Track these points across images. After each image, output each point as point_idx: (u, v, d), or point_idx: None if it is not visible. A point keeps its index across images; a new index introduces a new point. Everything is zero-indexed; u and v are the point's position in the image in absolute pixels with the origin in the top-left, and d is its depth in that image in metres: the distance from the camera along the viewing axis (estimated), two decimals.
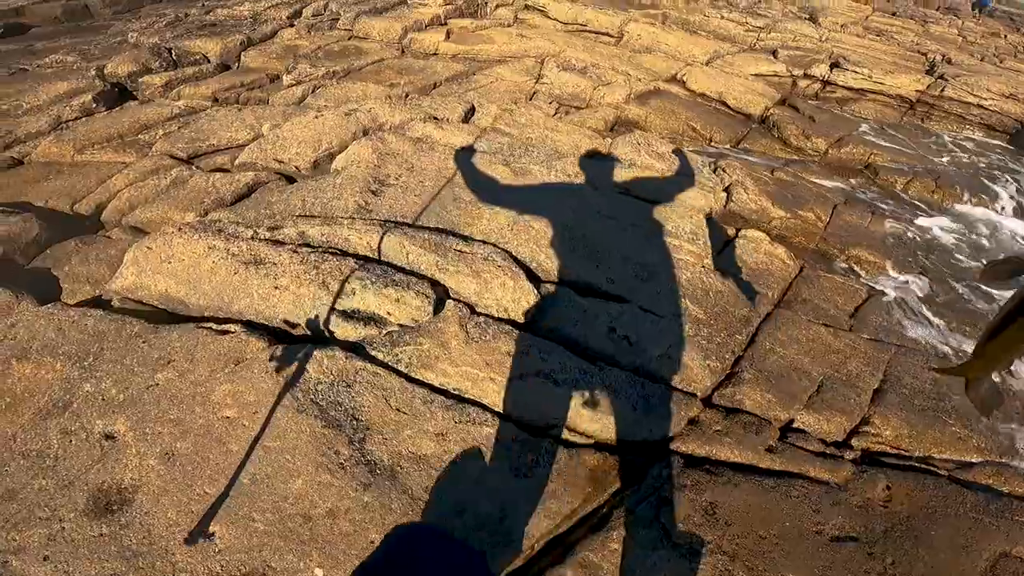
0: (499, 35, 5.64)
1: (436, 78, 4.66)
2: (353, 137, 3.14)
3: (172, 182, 2.92)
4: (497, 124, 3.66)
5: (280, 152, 3.05)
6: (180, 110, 3.73)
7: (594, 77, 4.98)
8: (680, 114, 4.85)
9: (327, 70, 4.57)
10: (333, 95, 3.89)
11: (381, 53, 5.07)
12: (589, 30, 6.21)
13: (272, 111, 3.63)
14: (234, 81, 4.41)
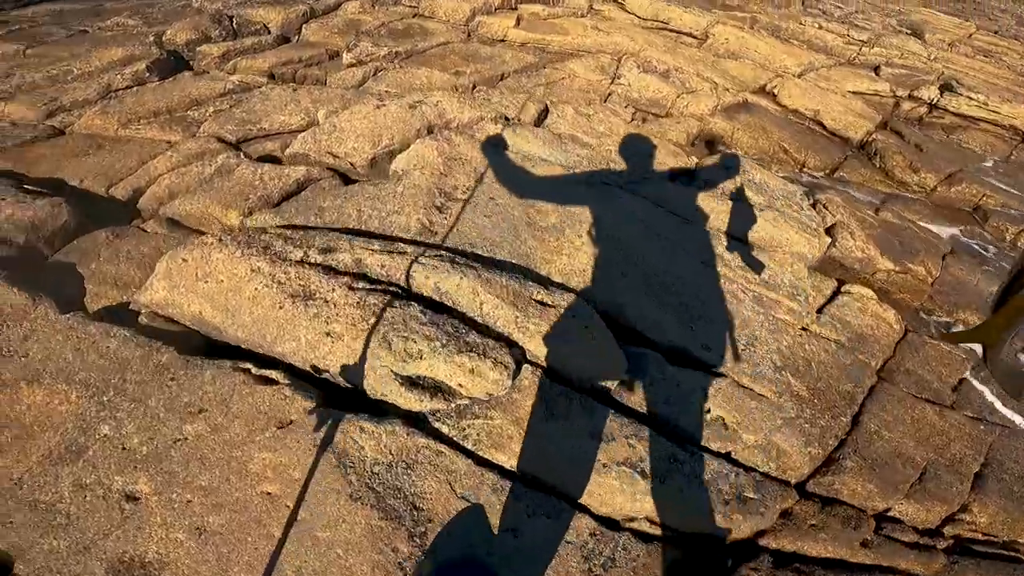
0: (573, 26, 5.17)
1: (504, 68, 4.27)
2: (416, 134, 2.81)
3: (217, 170, 2.65)
4: (574, 131, 3.26)
5: (335, 145, 2.74)
6: (233, 86, 3.47)
7: (677, 83, 4.49)
8: (771, 132, 4.32)
9: (389, 50, 4.23)
10: (395, 80, 3.56)
11: (446, 35, 4.70)
12: (670, 29, 5.67)
13: (329, 94, 3.33)
14: (292, 56, 4.13)
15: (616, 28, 5.27)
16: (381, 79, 3.54)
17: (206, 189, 2.52)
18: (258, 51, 4.24)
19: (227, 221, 2.42)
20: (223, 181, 2.56)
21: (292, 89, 3.39)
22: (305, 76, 4.00)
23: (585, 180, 2.76)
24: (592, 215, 2.53)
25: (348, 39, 4.43)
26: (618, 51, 4.90)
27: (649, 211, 2.76)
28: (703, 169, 3.29)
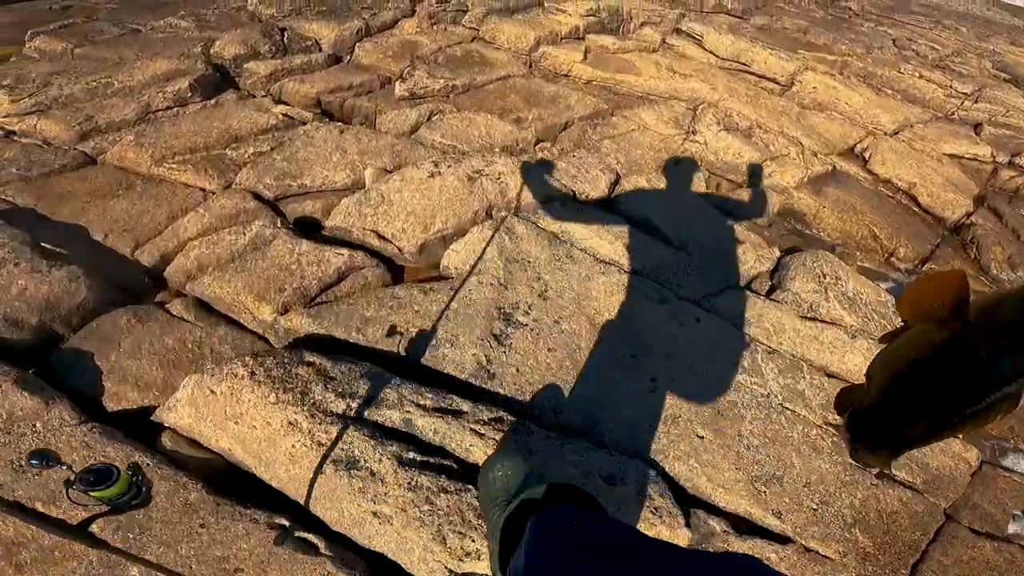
0: (644, 63, 4.71)
1: (568, 115, 3.87)
2: (474, 218, 2.48)
3: (251, 242, 2.37)
4: (647, 213, 2.86)
5: (382, 223, 2.43)
6: (277, 120, 3.18)
7: (760, 145, 4.00)
8: (861, 214, 3.81)
9: (446, 83, 3.89)
10: (451, 129, 3.21)
11: (507, 67, 4.31)
12: (752, 72, 5.13)
13: (378, 143, 3.01)
14: (342, 81, 3.83)
15: (692, 69, 4.78)
16: (436, 126, 3.20)
17: (238, 268, 2.24)
18: (307, 72, 3.95)
19: (259, 315, 2.15)
20: (257, 260, 2.28)
21: (339, 131, 3.08)
22: (354, 108, 3.69)
23: (658, 295, 2.38)
24: (665, 348, 2.16)
25: (402, 65, 4.10)
26: (694, 98, 4.43)
27: (726, 336, 2.37)
28: (787, 275, 2.85)
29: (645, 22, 5.38)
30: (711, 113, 4.11)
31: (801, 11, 8.34)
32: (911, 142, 4.95)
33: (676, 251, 2.76)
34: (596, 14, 5.02)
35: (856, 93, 5.14)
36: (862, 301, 2.81)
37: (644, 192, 3.02)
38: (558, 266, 2.45)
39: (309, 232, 2.71)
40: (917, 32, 9.50)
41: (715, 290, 2.62)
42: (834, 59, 5.83)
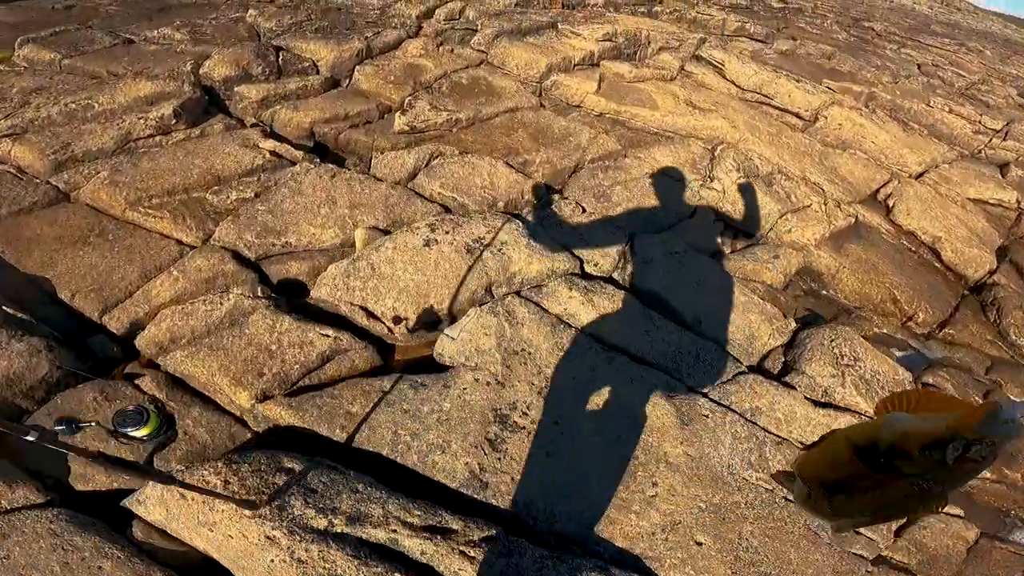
0: (661, 95, 4.44)
1: (578, 156, 3.61)
2: (471, 297, 2.24)
3: (228, 315, 2.15)
4: (660, 287, 2.63)
5: (372, 299, 2.20)
6: (263, 161, 2.94)
7: (781, 194, 3.75)
8: (883, 275, 3.55)
9: (449, 116, 3.63)
10: (452, 177, 2.96)
11: (515, 98, 4.05)
12: (773, 105, 4.85)
13: (371, 194, 2.76)
14: (338, 109, 3.57)
15: (712, 102, 4.51)
16: (436, 172, 2.95)
17: (214, 346, 2.02)
18: (302, 97, 3.70)
19: (236, 400, 1.95)
20: (235, 337, 2.06)
21: (330, 176, 2.83)
22: (349, 141, 3.44)
23: (666, 388, 2.15)
24: (669, 450, 1.94)
25: (404, 92, 3.84)
26: (714, 137, 4.16)
27: (735, 432, 2.15)
28: (803, 354, 2.61)
29: (663, 47, 5.10)
30: (731, 156, 3.85)
31: (824, 33, 8.02)
32: (936, 185, 4.68)
33: (688, 332, 2.53)
34: (612, 39, 4.74)
35: (883, 130, 4.86)
36: (879, 383, 2.58)
37: (657, 260, 2.78)
38: (561, 356, 2.22)
39: (293, 295, 2.48)
40: (941, 55, 9.17)
41: (727, 376, 2.39)
42: (860, 90, 5.54)
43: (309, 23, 4.54)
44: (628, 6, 6.18)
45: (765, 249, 3.44)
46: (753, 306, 2.80)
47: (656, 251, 2.84)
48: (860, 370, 2.59)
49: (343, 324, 2.28)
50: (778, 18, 8.17)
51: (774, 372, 2.56)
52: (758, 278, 3.27)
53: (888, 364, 2.71)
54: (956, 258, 3.95)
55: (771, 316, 2.80)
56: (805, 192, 3.86)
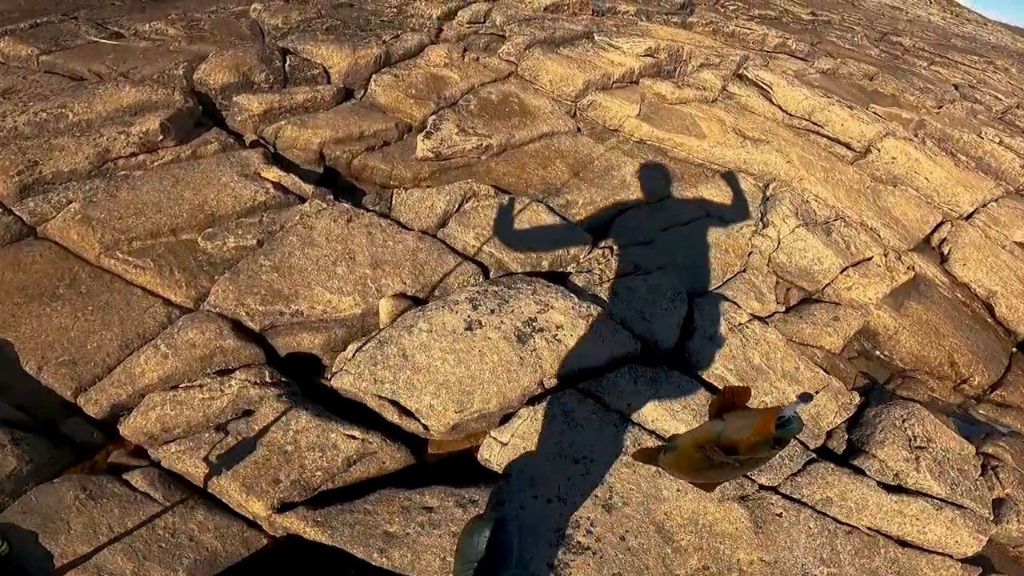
0: (707, 122, 4.00)
1: (621, 195, 3.18)
2: (522, 394, 1.83)
3: (231, 406, 1.73)
4: (719, 367, 2.23)
5: (404, 394, 1.78)
6: (266, 197, 2.47)
7: (841, 244, 3.35)
8: (943, 336, 3.22)
9: (479, 141, 3.17)
10: (488, 225, 2.50)
11: (550, 120, 3.59)
12: (822, 133, 4.43)
13: (395, 247, 2.31)
14: (352, 128, 3.09)
15: (760, 130, 4.07)
16: (470, 219, 2.49)
17: (217, 444, 1.63)
18: (310, 111, 3.21)
19: (251, 509, 1.57)
20: (241, 434, 1.66)
21: (346, 220, 2.38)
22: (365, 168, 2.97)
23: (736, 486, 1.81)
24: (742, 559, 1.58)
25: (427, 108, 3.36)
26: (766, 172, 3.74)
27: (809, 531, 1.80)
28: (872, 436, 2.31)
29: (704, 63, 4.63)
30: (788, 199, 3.44)
31: (857, 48, 7.57)
32: (986, 228, 4.32)
33: None
34: (655, 54, 4.27)
35: (937, 165, 4.47)
36: (950, 463, 2.31)
37: (720, 334, 2.38)
38: (625, 463, 1.83)
39: (306, 373, 2.06)
40: (970, 74, 8.78)
41: (798, 466, 2.07)
42: (909, 117, 5.13)
43: (319, 20, 4.01)
44: (660, 15, 5.68)
45: (824, 309, 3.06)
46: (818, 383, 2.48)
47: (719, 323, 2.44)
48: (933, 452, 2.33)
49: (368, 416, 1.87)
50: (809, 31, 7.70)
51: (839, 452, 2.31)
52: (816, 343, 2.91)
53: (956, 440, 2.46)
54: (1010, 314, 3.63)
55: (836, 392, 2.48)
56: (865, 242, 3.47)
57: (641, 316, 2.35)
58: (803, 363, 2.49)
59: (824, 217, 3.50)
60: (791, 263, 3.21)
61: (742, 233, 3.26)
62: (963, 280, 3.80)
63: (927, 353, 3.17)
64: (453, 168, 3.06)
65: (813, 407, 2.34)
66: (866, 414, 2.46)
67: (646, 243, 2.98)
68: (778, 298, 3.11)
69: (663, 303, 2.42)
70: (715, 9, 6.67)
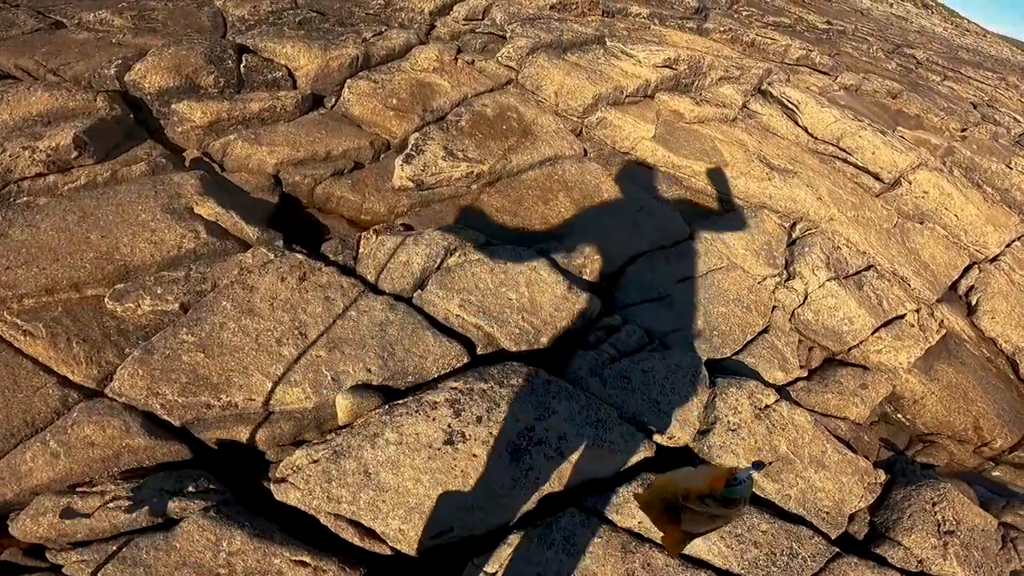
0: (728, 147, 3.50)
1: (633, 239, 2.68)
2: (514, 515, 1.38)
3: (144, 517, 1.28)
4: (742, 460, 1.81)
5: (367, 515, 1.35)
6: (196, 244, 1.93)
7: (873, 299, 2.91)
8: (972, 401, 2.90)
9: (468, 168, 2.64)
10: (475, 288, 1.99)
11: (554, 142, 3.06)
12: (850, 161, 3.97)
13: (361, 319, 1.80)
14: (317, 147, 2.55)
15: (787, 158, 3.59)
16: (452, 280, 1.98)
17: (129, 560, 1.22)
18: (268, 122, 2.65)
19: None
20: (159, 551, 1.25)
21: (297, 279, 1.86)
22: (330, 198, 2.43)
23: None
24: None
25: (410, 124, 2.81)
26: (793, 211, 3.27)
27: None
28: (899, 521, 2.05)
29: (724, 76, 4.11)
30: (819, 247, 2.97)
31: (873, 61, 7.06)
32: (1010, 272, 3.93)
33: (781, 523, 1.78)
34: (673, 66, 3.73)
35: (969, 201, 4.04)
36: (975, 543, 2.07)
37: (744, 421, 1.95)
38: None
39: (238, 466, 1.59)
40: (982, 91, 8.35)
41: (819, 565, 1.76)
42: (938, 143, 4.68)
43: (293, 12, 3.40)
44: (674, 19, 5.11)
45: (851, 376, 2.65)
46: (846, 465, 2.12)
47: (743, 407, 2.00)
48: (960, 535, 2.06)
49: (320, 533, 1.41)
50: (825, 41, 7.17)
51: (859, 537, 2.04)
52: (841, 414, 2.53)
53: (981, 516, 2.21)
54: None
55: (862, 472, 2.14)
56: (898, 296, 3.03)
57: (657, 408, 1.89)
58: (831, 445, 2.13)
59: (856, 267, 3.05)
60: (817, 321, 2.77)
61: (765, 286, 2.80)
62: (990, 335, 3.44)
63: (953, 419, 2.85)
64: (437, 201, 2.54)
65: (837, 491, 2.00)
66: (892, 496, 2.21)
67: (660, 299, 2.51)
68: (800, 360, 2.70)
69: (683, 389, 1.97)
70: (730, 15, 6.11)
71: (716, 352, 2.40)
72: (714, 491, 0.91)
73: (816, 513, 1.91)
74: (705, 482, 0.93)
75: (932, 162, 4.18)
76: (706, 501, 0.92)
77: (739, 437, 1.93)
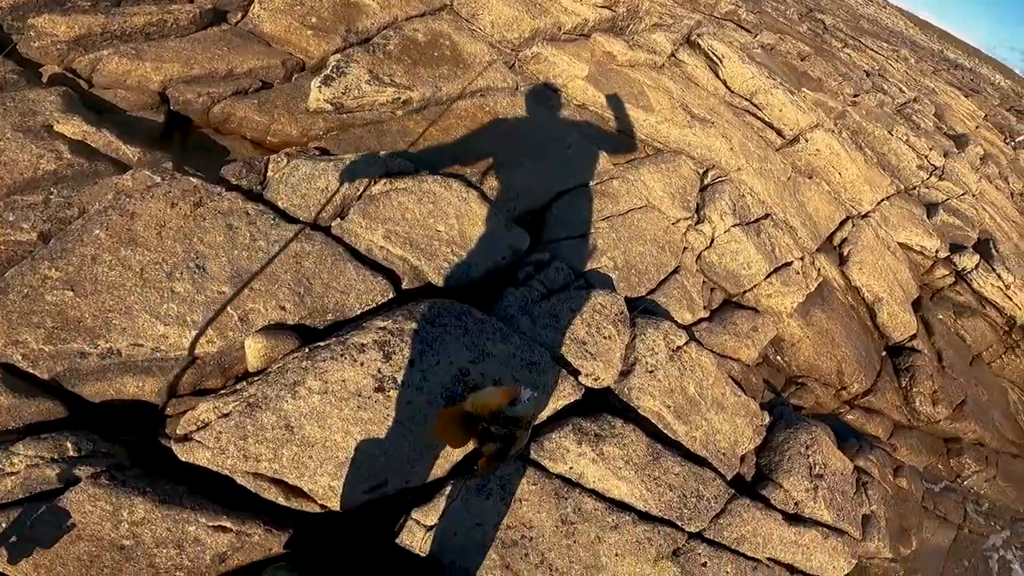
0: (655, 92, 3.33)
1: (562, 174, 2.51)
2: (451, 467, 1.27)
3: (21, 486, 1.06)
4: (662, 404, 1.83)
5: (291, 472, 1.20)
6: (59, 163, 1.50)
7: (767, 245, 3.00)
8: (837, 345, 3.10)
9: (395, 93, 2.28)
10: (401, 217, 1.76)
11: (487, 73, 2.72)
12: (758, 116, 3.95)
13: (273, 247, 1.52)
14: (217, 63, 2.06)
15: (706, 108, 3.48)
16: (378, 209, 1.71)
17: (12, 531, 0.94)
18: (154, 38, 2.10)
19: None
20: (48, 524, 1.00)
21: (191, 205, 1.52)
22: (230, 119, 2.00)
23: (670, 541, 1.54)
24: None
25: (330, 44, 2.35)
26: (708, 159, 3.22)
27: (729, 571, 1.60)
28: (780, 463, 2.17)
29: (657, 23, 3.84)
30: (728, 194, 2.97)
31: (789, 24, 6.98)
32: (877, 228, 4.19)
33: (691, 465, 1.85)
34: (612, 7, 3.38)
35: (852, 162, 4.21)
36: (837, 486, 2.26)
37: (661, 363, 1.95)
38: (565, 534, 1.42)
39: (127, 423, 1.33)
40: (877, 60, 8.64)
41: (720, 506, 1.86)
42: (834, 106, 4.79)
43: None
44: None
45: (745, 318, 2.73)
46: (740, 407, 2.21)
47: (659, 348, 1.99)
48: (828, 479, 2.23)
49: (237, 493, 1.23)
50: None
51: (748, 479, 2.15)
52: (736, 355, 2.62)
53: (842, 460, 2.41)
54: (889, 321, 3.54)
55: (752, 415, 2.24)
56: (787, 244, 3.14)
57: (584, 348, 1.81)
58: (728, 387, 2.20)
59: (756, 215, 3.10)
60: (721, 264, 2.82)
61: (678, 228, 2.78)
62: (856, 284, 3.61)
63: (821, 363, 3.01)
64: (358, 125, 2.18)
65: (732, 433, 2.08)
66: (775, 438, 2.30)
67: (584, 236, 2.41)
68: (704, 301, 2.75)
69: (607, 329, 1.90)
70: None
71: (633, 291, 2.37)
72: (501, 408, 0.95)
73: (716, 455, 1.95)
74: (495, 400, 0.98)
75: (827, 123, 4.28)
76: (498, 419, 0.96)
77: (656, 379, 1.91)
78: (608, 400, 1.85)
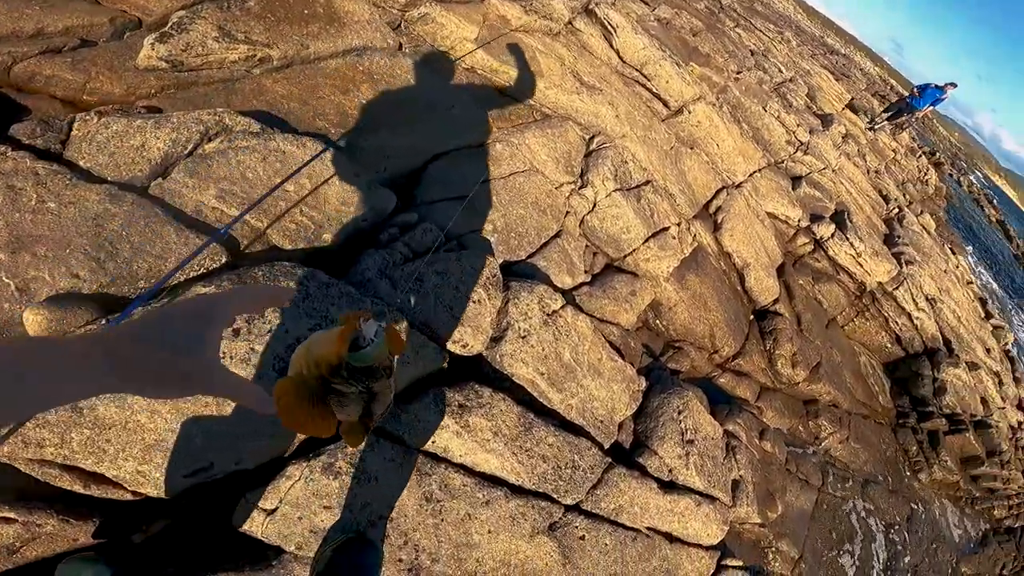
0: (547, 59, 3.30)
1: (440, 137, 2.44)
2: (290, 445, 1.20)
3: None
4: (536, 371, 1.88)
5: (90, 458, 1.05)
6: None
7: (647, 211, 3.16)
8: (710, 310, 3.33)
9: (248, 52, 2.05)
10: (243, 176, 1.60)
11: (365, 33, 2.53)
12: (647, 87, 4.07)
13: (66, 208, 1.31)
14: (23, 23, 1.71)
15: (597, 77, 3.52)
16: (206, 169, 1.51)
17: None
18: None
19: None
20: None
21: None
22: (34, 77, 1.68)
23: (545, 515, 1.58)
24: None
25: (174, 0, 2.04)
26: (594, 125, 3.28)
27: (606, 544, 1.74)
28: (655, 429, 2.26)
29: None
30: (610, 159, 3.06)
31: None
32: (748, 197, 4.56)
33: (566, 434, 1.88)
34: None
35: (730, 135, 4.52)
36: (708, 452, 2.38)
37: (534, 327, 1.99)
38: (432, 512, 1.42)
39: None
40: (763, 41, 9.20)
41: (597, 476, 1.91)
42: (717, 81, 5.06)
43: None
44: None
45: (624, 282, 2.86)
46: (617, 373, 2.26)
47: (533, 312, 2.04)
48: (698, 445, 2.35)
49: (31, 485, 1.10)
50: None
51: (627, 446, 2.22)
52: (615, 319, 2.73)
53: (712, 425, 2.55)
54: (756, 286, 3.87)
55: (629, 380, 2.30)
56: (665, 210, 3.34)
57: (451, 313, 1.80)
58: (605, 352, 2.23)
59: (637, 181, 3.25)
60: (602, 228, 2.93)
61: (561, 192, 2.84)
62: (728, 249, 3.88)
63: (695, 326, 3.19)
64: (202, 84, 1.94)
65: (609, 400, 2.12)
66: (650, 403, 2.37)
67: (461, 198, 2.37)
68: (585, 265, 2.83)
69: (476, 292, 1.91)
70: None
71: (512, 254, 2.39)
72: (342, 357, 0.70)
73: (593, 422, 1.97)
74: (330, 348, 0.70)
75: (709, 97, 4.51)
76: (343, 374, 0.71)
77: (528, 344, 1.92)
78: (481, 369, 1.83)
